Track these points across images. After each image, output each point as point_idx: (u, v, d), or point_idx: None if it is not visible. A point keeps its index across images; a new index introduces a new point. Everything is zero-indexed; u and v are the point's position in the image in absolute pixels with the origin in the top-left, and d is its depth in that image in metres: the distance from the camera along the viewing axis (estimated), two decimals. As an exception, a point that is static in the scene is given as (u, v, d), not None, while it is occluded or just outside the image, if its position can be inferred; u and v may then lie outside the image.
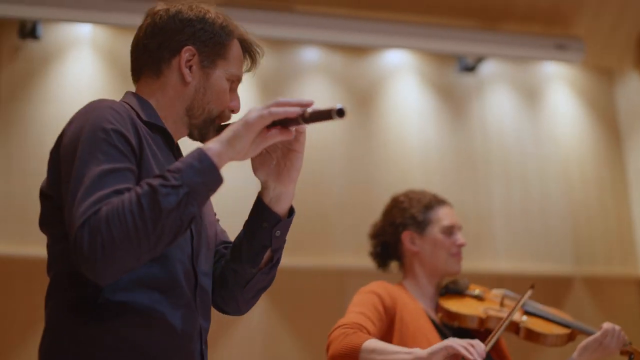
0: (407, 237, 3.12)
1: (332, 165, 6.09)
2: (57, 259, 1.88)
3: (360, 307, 2.88)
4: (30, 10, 5.35)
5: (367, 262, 5.82)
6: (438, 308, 3.08)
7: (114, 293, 1.80)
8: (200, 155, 1.76)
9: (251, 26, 2.19)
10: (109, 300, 1.79)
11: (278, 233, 1.98)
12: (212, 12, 2.09)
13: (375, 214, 5.98)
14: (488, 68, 6.57)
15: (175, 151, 2.06)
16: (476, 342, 2.49)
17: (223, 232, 2.20)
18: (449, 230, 3.10)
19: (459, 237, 3.11)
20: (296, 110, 1.81)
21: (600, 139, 6.75)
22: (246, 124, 1.79)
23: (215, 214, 2.19)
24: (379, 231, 3.22)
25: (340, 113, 1.77)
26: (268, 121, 1.80)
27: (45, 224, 1.93)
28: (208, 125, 2.04)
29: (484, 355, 2.46)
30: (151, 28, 2.06)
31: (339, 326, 2.79)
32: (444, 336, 2.92)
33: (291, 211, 2.02)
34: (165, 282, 1.86)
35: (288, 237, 6.07)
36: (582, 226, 6.47)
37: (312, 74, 6.26)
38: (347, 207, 6.02)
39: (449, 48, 6.26)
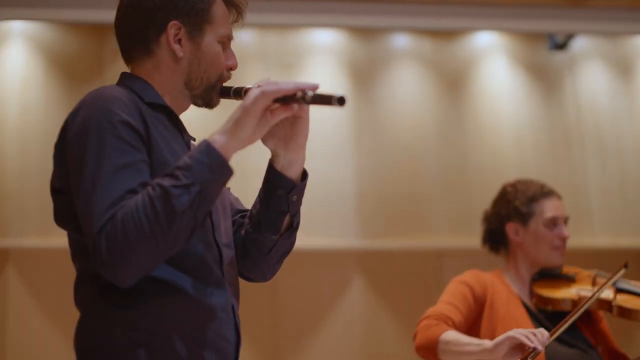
0: (511, 229, 3.23)
1: (426, 148, 6.21)
2: (81, 250, 1.89)
3: (450, 296, 3.08)
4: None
5: (462, 243, 5.99)
6: (532, 294, 3.17)
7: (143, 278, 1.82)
8: (208, 149, 1.78)
9: (340, 17, 2.17)
10: (138, 286, 1.81)
11: (295, 198, 1.99)
12: None
13: (469, 195, 6.17)
14: (579, 44, 6.55)
15: (181, 127, 2.06)
16: (540, 330, 2.61)
17: (237, 200, 2.22)
18: (553, 223, 3.17)
19: (563, 230, 3.16)
20: (289, 87, 1.82)
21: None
22: (245, 110, 1.80)
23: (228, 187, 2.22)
24: (487, 219, 3.34)
25: (341, 101, 1.80)
26: (266, 102, 1.81)
27: (61, 218, 1.94)
28: (210, 91, 2.03)
29: (546, 342, 2.59)
30: (130, 10, 2.03)
31: (426, 317, 3.01)
32: (536, 321, 3.05)
33: (304, 175, 2.02)
34: (190, 261, 1.88)
35: (384, 219, 6.23)
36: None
37: (402, 60, 6.35)
38: (441, 189, 6.14)
39: (538, 27, 6.25)
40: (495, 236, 3.28)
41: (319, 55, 6.26)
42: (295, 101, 1.83)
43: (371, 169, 6.14)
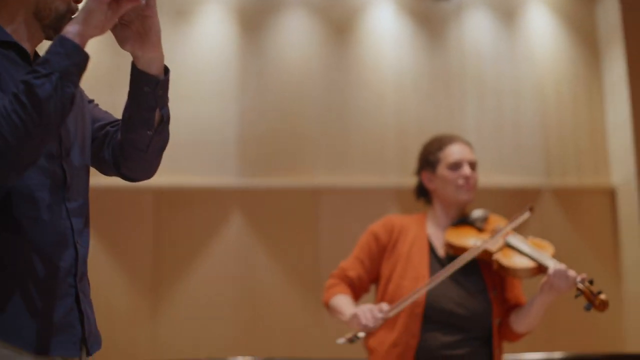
0: (425, 177, 3.43)
1: (309, 89, 6.36)
2: None
3: (357, 249, 3.38)
4: None
5: (339, 182, 6.16)
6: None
7: None
8: (61, 40, 1.84)
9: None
10: None
11: (161, 92, 2.06)
12: None
13: (348, 137, 6.34)
14: (464, -7, 6.72)
15: (35, 60, 2.07)
16: (380, 306, 2.97)
17: (107, 113, 2.30)
18: (455, 166, 3.34)
19: (465, 170, 3.33)
20: None
21: (578, 57, 6.90)
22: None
23: (92, 101, 2.28)
24: (414, 174, 3.50)
25: None
26: None
27: None
28: (60, 22, 2.04)
29: (383, 316, 2.95)
30: None
31: (331, 275, 3.35)
32: (437, 264, 3.24)
33: (166, 70, 2.09)
34: (26, 187, 1.94)
35: (264, 158, 6.30)
36: (555, 140, 6.70)
37: (289, 5, 6.46)
38: (321, 130, 6.32)
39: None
40: (420, 189, 3.45)
41: (209, 2, 6.32)
42: None
43: (254, 110, 6.27)
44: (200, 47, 6.30)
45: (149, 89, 2.04)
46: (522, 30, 6.84)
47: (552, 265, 3.10)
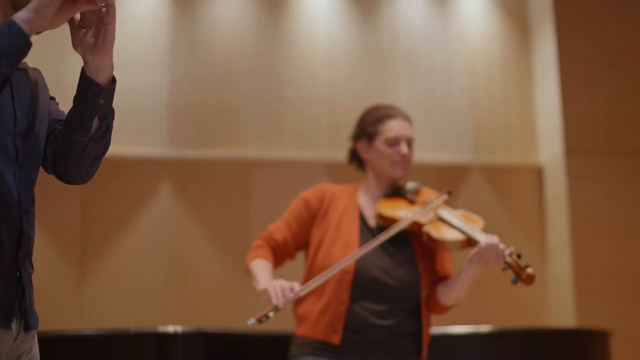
0: (361, 147, 3.43)
1: (242, 61, 6.35)
2: None
3: (287, 212, 3.38)
4: None
5: (270, 154, 6.16)
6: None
7: None
8: (9, 23, 1.89)
9: None
10: None
11: (102, 101, 2.09)
12: None
13: (280, 110, 6.33)
14: (397, -32, 6.74)
15: None
16: (290, 284, 2.95)
17: (62, 112, 2.31)
18: (393, 142, 3.34)
19: (402, 147, 3.35)
20: None
21: (509, 37, 6.99)
22: None
23: (54, 98, 2.32)
24: (350, 138, 3.49)
25: None
26: None
27: None
28: None
29: (294, 297, 2.94)
30: None
31: (259, 237, 3.33)
32: (368, 233, 3.26)
33: (113, 80, 2.12)
34: None
35: (194, 128, 6.29)
36: (485, 118, 6.79)
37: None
38: (253, 102, 6.32)
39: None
40: (354, 155, 3.45)
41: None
42: None
43: (186, 80, 6.24)
44: (132, 13, 6.23)
45: (92, 95, 2.07)
46: (454, 9, 6.89)
47: (483, 238, 3.13)
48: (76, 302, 5.89)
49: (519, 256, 3.09)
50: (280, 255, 3.30)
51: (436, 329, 4.08)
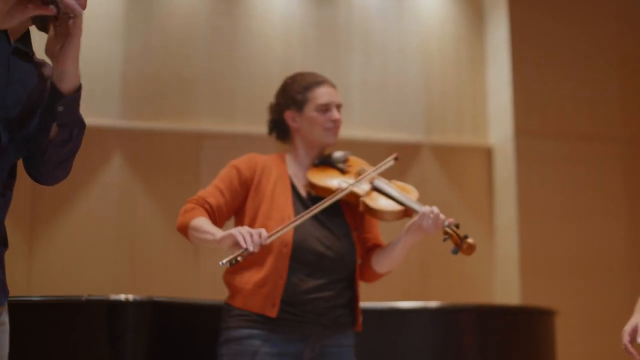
0: (289, 116, 3.39)
1: (197, 34, 6.34)
2: None
3: (218, 180, 3.28)
4: None
5: (222, 128, 6.15)
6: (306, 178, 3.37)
7: None
8: None
9: None
10: None
11: (61, 109, 2.08)
12: None
13: (233, 84, 6.32)
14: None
15: (18, 47, 2.15)
16: (260, 231, 2.88)
17: None
18: (324, 108, 3.33)
19: (334, 113, 3.34)
20: None
21: (463, 18, 7.05)
22: None
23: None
24: (271, 109, 3.45)
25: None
26: None
27: None
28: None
29: (264, 242, 2.87)
30: None
31: (189, 200, 3.22)
32: (300, 203, 3.25)
33: (78, 89, 2.12)
34: None
35: (147, 99, 6.26)
36: (436, 98, 6.84)
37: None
38: (207, 75, 6.31)
39: None
40: (278, 124, 3.43)
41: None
42: (52, 2, 1.96)
43: (139, 51, 6.20)
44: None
45: (51, 101, 2.07)
46: (410, -13, 6.92)
47: (419, 208, 3.15)
48: (25, 270, 5.84)
49: (457, 226, 3.12)
50: (213, 220, 3.18)
51: (385, 304, 4.13)
